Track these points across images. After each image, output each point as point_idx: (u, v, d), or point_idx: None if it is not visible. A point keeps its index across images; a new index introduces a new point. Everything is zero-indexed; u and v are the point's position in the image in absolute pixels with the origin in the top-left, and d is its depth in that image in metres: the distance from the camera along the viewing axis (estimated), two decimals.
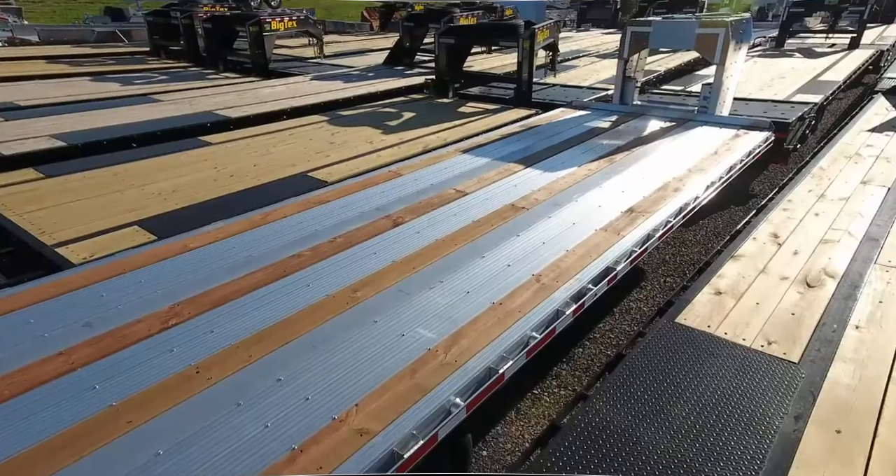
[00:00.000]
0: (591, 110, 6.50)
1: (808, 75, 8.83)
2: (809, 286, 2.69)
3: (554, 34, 8.27)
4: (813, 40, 13.65)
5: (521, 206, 3.69)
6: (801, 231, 3.30)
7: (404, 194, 3.91)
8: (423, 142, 5.63)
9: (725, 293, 2.70)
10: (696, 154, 4.71)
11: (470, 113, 7.08)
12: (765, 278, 2.81)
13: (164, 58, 11.13)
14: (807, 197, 3.82)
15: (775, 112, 6.51)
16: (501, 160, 4.70)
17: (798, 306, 2.53)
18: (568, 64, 11.59)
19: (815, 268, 2.88)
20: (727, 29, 5.30)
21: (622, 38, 6.11)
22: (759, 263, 2.96)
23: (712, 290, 2.72)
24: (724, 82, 5.62)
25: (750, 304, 2.58)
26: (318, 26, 11.22)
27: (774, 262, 2.96)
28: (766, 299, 2.61)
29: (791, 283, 2.74)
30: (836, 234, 3.24)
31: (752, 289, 2.71)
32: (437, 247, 3.12)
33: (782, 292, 2.67)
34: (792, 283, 2.75)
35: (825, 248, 3.09)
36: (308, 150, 5.24)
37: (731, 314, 2.51)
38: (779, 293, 2.66)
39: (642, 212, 3.56)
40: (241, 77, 9.31)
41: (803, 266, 2.91)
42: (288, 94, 7.77)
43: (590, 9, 24.10)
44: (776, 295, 2.64)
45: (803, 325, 2.38)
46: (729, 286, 2.76)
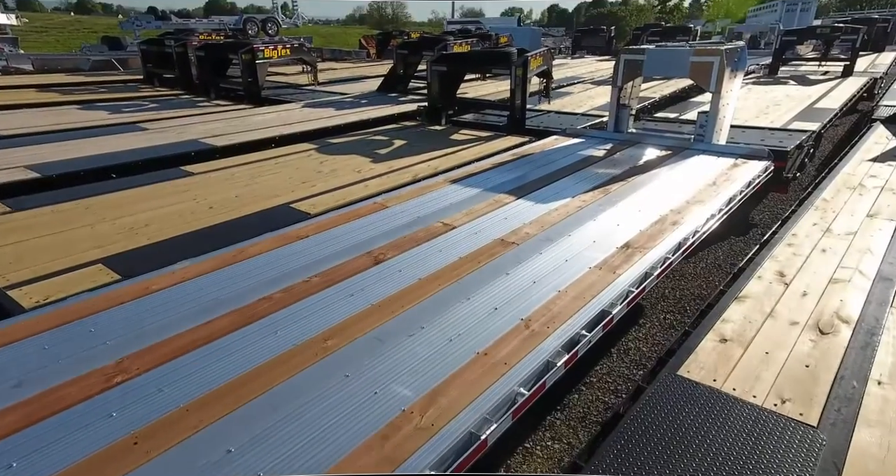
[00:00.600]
0: (586, 138, 6.38)
1: (804, 102, 8.79)
2: (822, 333, 2.47)
3: (547, 61, 8.24)
4: (806, 68, 13.75)
5: (510, 241, 3.49)
6: (808, 269, 3.09)
7: (388, 228, 3.72)
8: (413, 171, 5.47)
9: (731, 340, 2.47)
10: (693, 184, 4.54)
11: (462, 140, 6.95)
12: (773, 323, 2.59)
13: (157, 86, 11.10)
14: (812, 231, 3.63)
15: (773, 140, 6.40)
16: (492, 191, 4.52)
17: (811, 357, 2.30)
18: (562, 90, 11.61)
19: (827, 312, 2.67)
20: (721, 57, 5.21)
21: (616, 65, 6.03)
22: (765, 306, 2.74)
23: (717, 337, 2.50)
24: (720, 110, 5.51)
25: (759, 353, 2.36)
26: (313, 54, 11.24)
27: (782, 305, 2.74)
28: (777, 348, 2.39)
29: (802, 330, 2.52)
30: (847, 273, 3.04)
31: (760, 335, 2.49)
32: (419, 287, 2.90)
33: (793, 340, 2.44)
34: (803, 329, 2.53)
35: (836, 289, 2.88)
36: (293, 180, 5.07)
37: (738, 365, 2.28)
38: (789, 341, 2.44)
39: (639, 248, 3.36)
40: (233, 105, 9.23)
41: (814, 309, 2.69)
42: (278, 121, 7.66)
43: (584, 36, 24.51)
44: (787, 343, 2.42)
45: (819, 380, 2.15)
46: (735, 332, 2.54)
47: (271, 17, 21.66)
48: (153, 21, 18.29)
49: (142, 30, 16.78)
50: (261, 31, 20.57)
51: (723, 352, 2.39)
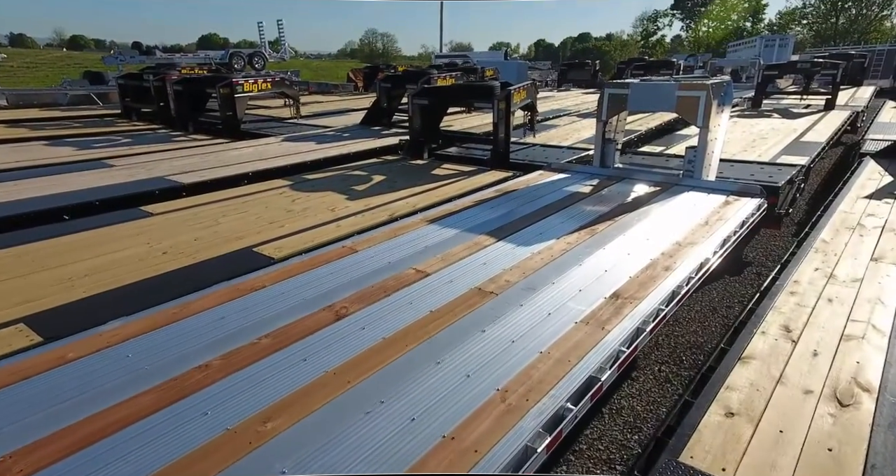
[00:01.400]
0: (571, 173, 6.16)
1: (790, 136, 8.71)
2: (842, 405, 2.15)
3: (531, 95, 8.12)
4: (788, 101, 13.88)
5: (489, 291, 3.17)
6: (816, 323, 2.80)
7: (356, 276, 3.39)
8: (390, 209, 5.18)
9: (739, 414, 2.14)
10: (685, 224, 4.28)
11: (444, 175, 6.71)
12: (784, 391, 2.27)
13: (135, 120, 10.86)
14: (815, 277, 3.36)
15: (762, 175, 6.22)
16: (471, 231, 4.23)
17: (834, 438, 1.98)
18: (548, 123, 11.54)
19: (844, 376, 2.35)
20: (708, 91, 5.05)
21: (600, 99, 5.87)
22: (773, 369, 2.43)
23: (722, 410, 2.16)
24: (708, 145, 5.32)
25: (772, 431, 2.03)
26: (295, 88, 11.11)
27: (792, 368, 2.43)
28: (792, 425, 2.06)
29: (818, 400, 2.20)
30: (859, 328, 2.75)
31: (771, 408, 2.16)
32: (383, 349, 2.56)
33: (810, 414, 2.12)
34: (819, 399, 2.21)
35: (849, 348, 2.58)
36: (261, 220, 4.74)
37: (750, 448, 1.94)
38: (805, 415, 2.11)
39: (629, 298, 3.06)
40: (211, 139, 8.98)
41: (828, 373, 2.38)
42: (254, 156, 7.39)
43: (570, 70, 24.92)
44: (803, 418, 2.09)
45: (847, 469, 1.82)
46: (742, 403, 2.21)
47: (258, 51, 21.75)
48: (137, 56, 18.24)
49: (125, 64, 16.69)
50: (247, 65, 20.64)
51: (730, 429, 2.05)
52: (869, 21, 54.02)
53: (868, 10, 53.96)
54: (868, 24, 53.92)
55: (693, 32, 63.36)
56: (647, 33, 66.05)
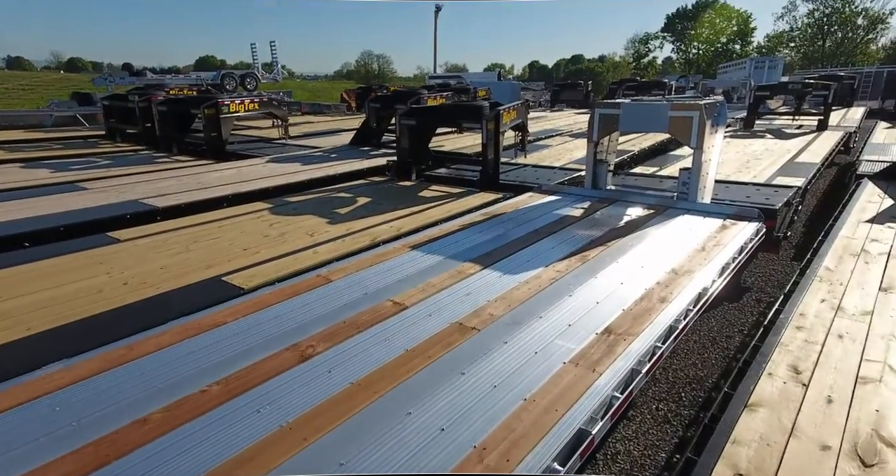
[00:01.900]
0: (562, 195, 5.96)
1: (784, 156, 8.60)
2: (865, 465, 1.89)
3: (522, 115, 7.99)
4: (780, 122, 13.86)
5: (470, 326, 2.92)
6: (827, 363, 2.55)
7: (328, 309, 3.13)
8: (373, 233, 4.95)
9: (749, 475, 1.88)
10: (680, 250, 4.06)
11: (432, 197, 6.51)
12: (799, 446, 2.01)
13: (119, 141, 10.67)
14: (821, 309, 3.12)
15: (758, 197, 6.05)
16: (455, 258, 3.99)
17: None
18: (540, 143, 11.43)
19: (864, 428, 2.10)
20: (701, 112, 4.89)
21: (590, 119, 5.71)
22: (784, 418, 2.17)
23: (730, 471, 1.90)
24: (702, 167, 5.14)
25: None
26: (284, 108, 10.97)
27: (805, 417, 2.17)
28: None
29: (837, 458, 1.94)
30: (874, 369, 2.51)
31: (785, 467, 1.90)
32: (349, 396, 2.29)
33: (829, 475, 1.86)
34: (838, 456, 1.95)
35: (867, 393, 2.33)
36: (235, 247, 4.49)
37: None
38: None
39: (623, 334, 2.81)
40: (194, 160, 8.78)
41: (846, 424, 2.13)
42: (236, 178, 7.18)
43: (562, 90, 25.11)
44: None
45: None
46: (751, 462, 1.95)
47: (250, 72, 21.77)
48: (127, 77, 18.16)
49: (115, 85, 16.58)
50: (239, 86, 20.61)
51: None
52: (855, 44, 55.12)
53: (853, 34, 55.11)
54: (854, 47, 55.01)
55: (683, 54, 64.43)
56: (638, 55, 67.11)
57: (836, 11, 54.61)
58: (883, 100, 25.06)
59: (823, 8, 55.24)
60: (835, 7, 54.62)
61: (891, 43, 55.94)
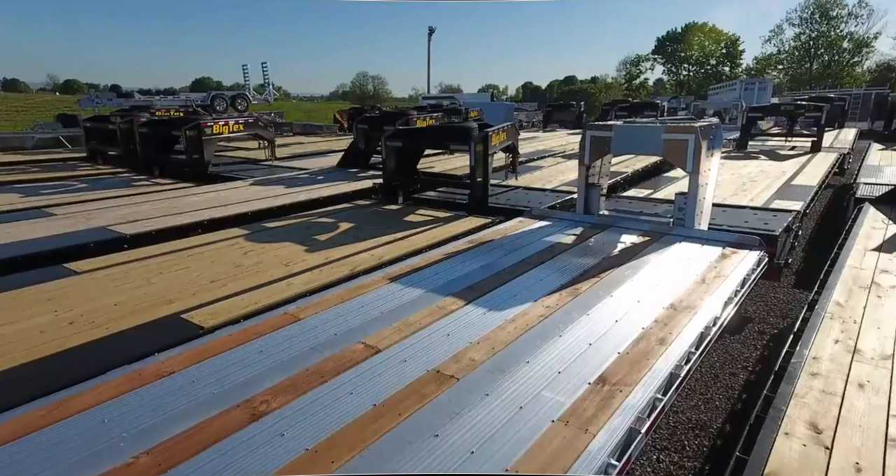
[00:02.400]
0: (553, 220, 5.70)
1: (780, 179, 8.42)
2: None
3: (512, 136, 7.79)
4: (773, 143, 13.78)
5: (449, 374, 2.61)
6: (850, 420, 2.25)
7: (291, 354, 2.81)
8: (352, 262, 4.65)
9: None
10: (679, 282, 3.78)
11: (418, 222, 6.23)
12: None
13: (100, 164, 10.39)
14: (836, 353, 2.84)
15: (756, 221, 5.82)
16: (437, 292, 3.69)
17: None
18: (532, 164, 11.25)
19: None
20: (697, 134, 4.68)
21: (582, 142, 5.49)
22: None
23: None
24: (699, 192, 4.90)
25: None
26: (271, 129, 10.75)
27: None
28: None
29: None
30: None
31: None
32: (303, 465, 1.97)
33: None
34: None
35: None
36: (202, 278, 4.18)
37: None
38: None
39: (618, 384, 2.50)
40: (175, 183, 8.50)
41: None
42: (215, 202, 6.89)
43: (555, 111, 25.18)
44: None
45: None
46: None
47: (241, 93, 21.67)
48: (114, 98, 17.98)
49: (101, 107, 16.39)
50: (230, 107, 20.47)
51: None
52: (841, 67, 56.19)
53: (839, 57, 56.22)
54: (840, 69, 56.07)
55: (674, 76, 65.41)
56: (630, 76, 68.10)
57: (822, 35, 55.82)
58: (872, 121, 25.28)
59: (809, 32, 56.48)
60: (820, 31, 55.85)
61: (875, 66, 57.09)
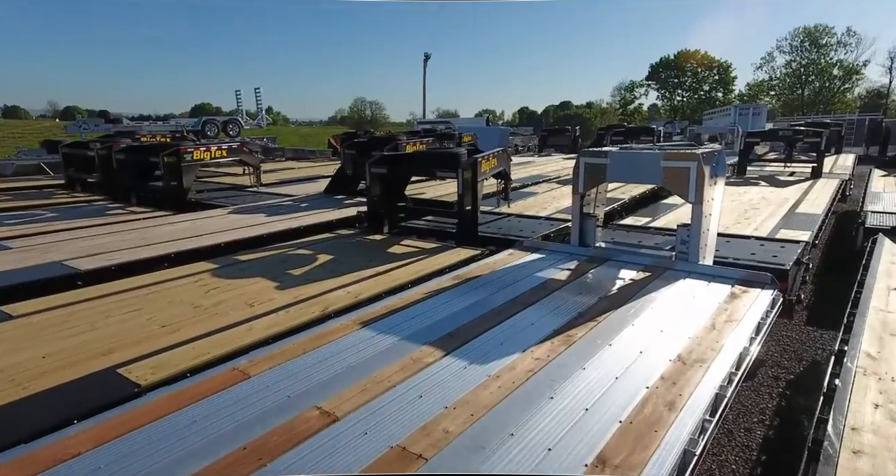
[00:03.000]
0: (545, 253, 5.30)
1: (783, 206, 8.08)
2: None
3: (503, 162, 7.45)
4: (771, 168, 13.53)
5: (416, 453, 2.16)
6: None
7: (230, 426, 2.36)
8: (325, 301, 4.23)
9: None
10: (686, 329, 3.36)
11: (402, 254, 5.83)
12: None
13: (78, 191, 10.02)
14: (880, 423, 2.40)
15: (764, 253, 5.45)
16: (412, 340, 3.26)
17: None
18: (526, 190, 10.92)
19: None
20: (699, 162, 4.33)
21: (575, 169, 5.13)
22: None
23: None
24: (702, 223, 4.52)
25: None
26: (256, 154, 10.43)
27: None
28: None
29: None
30: None
31: None
32: None
33: None
34: None
35: None
36: (153, 322, 3.75)
37: None
38: None
39: (622, 466, 2.06)
40: (151, 211, 8.10)
41: None
42: (188, 232, 6.48)
43: (550, 136, 25.14)
44: None
45: None
46: None
47: (233, 118, 21.51)
48: (102, 124, 17.70)
49: (88, 132, 16.12)
50: (221, 132, 20.27)
51: None
52: (832, 93, 56.94)
53: (830, 84, 57.03)
54: (832, 95, 56.80)
55: (668, 101, 66.18)
56: (625, 102, 68.88)
57: (813, 62, 56.73)
58: (867, 146, 25.31)
59: (800, 59, 57.40)
60: (811, 59, 56.78)
61: (866, 92, 57.92)
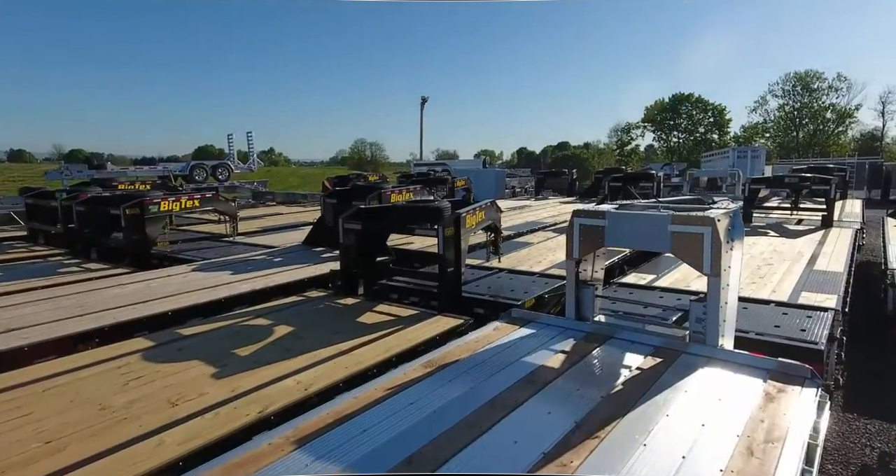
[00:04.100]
0: (537, 327, 4.55)
1: (799, 261, 7.39)
2: None
3: (490, 215, 6.83)
4: (776, 215, 12.93)
5: None
6: None
7: None
8: (265, 398, 3.48)
9: None
10: (714, 452, 2.57)
11: (374, 324, 5.09)
12: None
13: (41, 244, 9.38)
14: None
15: (789, 324, 4.73)
16: (357, 468, 2.48)
17: None
18: (520, 240, 10.27)
19: None
20: (713, 227, 3.65)
21: (569, 232, 4.46)
22: None
23: None
24: (720, 296, 3.80)
25: None
26: (232, 203, 9.83)
27: None
28: None
29: None
30: None
31: None
32: None
33: None
34: None
35: None
36: (38, 435, 2.98)
37: None
38: None
39: None
40: (109, 268, 7.40)
41: None
42: (137, 297, 5.76)
43: (547, 178, 24.83)
44: None
45: None
46: None
47: (223, 162, 21.14)
48: (85, 170, 17.18)
49: (70, 179, 15.61)
50: (210, 176, 19.84)
51: None
52: (827, 136, 57.45)
53: (824, 126, 57.64)
54: (826, 138, 57.29)
55: (664, 143, 66.82)
56: (622, 143, 69.50)
57: (806, 106, 57.52)
58: (869, 190, 24.99)
59: (793, 103, 58.26)
60: (803, 102, 57.62)
61: (860, 135, 58.47)
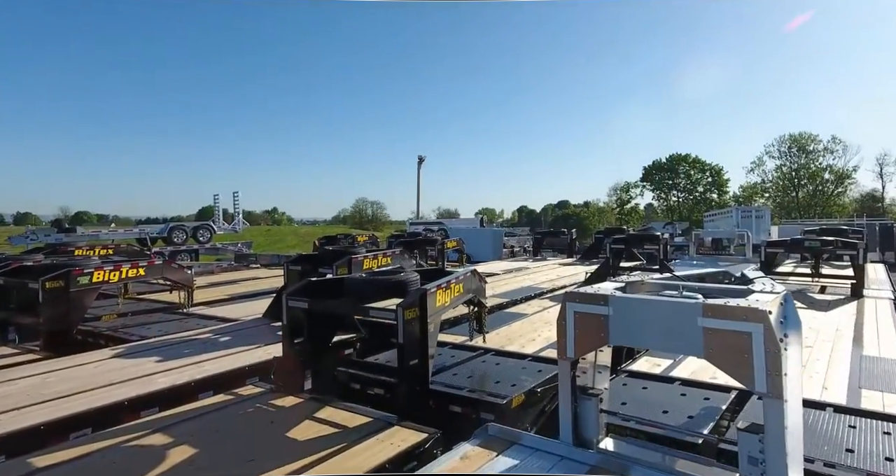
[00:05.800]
0: (521, 454, 3.33)
1: (842, 344, 6.22)
2: None
3: (472, 287, 5.75)
4: (795, 280, 11.79)
5: None
6: None
7: None
8: None
9: None
10: None
11: (310, 441, 3.86)
12: None
13: None
14: None
15: (859, 441, 3.55)
16: None
17: None
18: (512, 310, 9.07)
19: None
20: (767, 324, 2.53)
21: (560, 321, 3.34)
22: None
23: None
24: (783, 421, 2.60)
25: None
26: (188, 271, 8.77)
27: None
28: None
29: None
30: None
31: None
32: None
33: None
34: None
35: None
36: None
37: None
38: None
39: None
40: (20, 354, 6.21)
41: None
42: (29, 397, 4.58)
43: (545, 238, 24.13)
44: None
45: None
46: None
47: (205, 224, 20.32)
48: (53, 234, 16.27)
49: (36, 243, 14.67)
50: (191, 238, 18.93)
51: None
52: (826, 196, 57.30)
53: (823, 187, 57.63)
54: (826, 198, 57.10)
55: (664, 201, 66.75)
56: (621, 202, 69.44)
57: (803, 167, 57.80)
58: (883, 252, 23.99)
59: (790, 164, 58.61)
60: (801, 163, 57.96)
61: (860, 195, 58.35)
